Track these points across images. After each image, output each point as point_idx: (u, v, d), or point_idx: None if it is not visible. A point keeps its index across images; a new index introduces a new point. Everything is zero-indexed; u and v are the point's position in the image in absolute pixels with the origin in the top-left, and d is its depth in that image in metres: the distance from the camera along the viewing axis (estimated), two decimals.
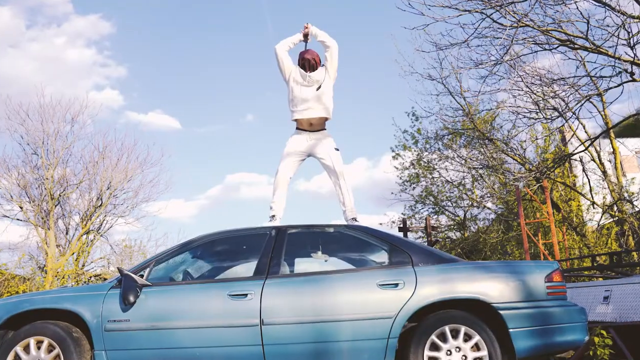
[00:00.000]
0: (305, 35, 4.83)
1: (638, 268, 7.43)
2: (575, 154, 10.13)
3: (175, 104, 35.25)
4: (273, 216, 4.61)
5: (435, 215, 18.36)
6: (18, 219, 14.95)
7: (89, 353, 3.51)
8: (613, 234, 13.77)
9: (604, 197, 13.89)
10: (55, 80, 29.61)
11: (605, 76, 7.39)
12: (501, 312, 3.38)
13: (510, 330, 3.35)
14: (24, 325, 3.58)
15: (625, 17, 6.46)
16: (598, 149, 13.44)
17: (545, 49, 7.51)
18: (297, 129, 4.81)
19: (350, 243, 4.03)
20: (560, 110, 8.44)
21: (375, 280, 3.51)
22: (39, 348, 3.51)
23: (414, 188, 18.25)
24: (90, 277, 14.65)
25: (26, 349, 3.51)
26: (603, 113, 12.31)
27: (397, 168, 18.33)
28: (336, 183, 4.72)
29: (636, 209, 12.84)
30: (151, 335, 3.46)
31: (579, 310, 3.54)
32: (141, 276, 3.67)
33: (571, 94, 8.04)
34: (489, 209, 17.17)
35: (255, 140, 36.88)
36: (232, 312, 3.46)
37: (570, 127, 11.73)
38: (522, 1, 6.84)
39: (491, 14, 6.85)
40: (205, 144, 35.18)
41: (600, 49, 6.98)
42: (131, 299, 3.48)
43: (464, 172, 16.65)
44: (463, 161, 15.59)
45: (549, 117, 8.78)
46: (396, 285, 3.48)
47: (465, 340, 3.38)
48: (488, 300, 3.41)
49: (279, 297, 3.50)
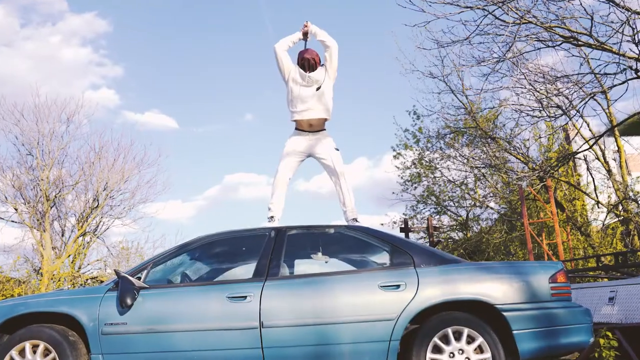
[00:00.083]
0: (305, 34, 4.82)
1: None
2: (579, 152, 10.12)
3: (173, 104, 35.28)
4: (272, 217, 4.61)
5: (437, 216, 18.37)
6: (13, 221, 14.97)
7: (85, 357, 3.51)
8: (618, 234, 13.77)
9: (608, 196, 13.90)
10: (50, 80, 29.59)
11: (609, 73, 7.39)
12: (505, 314, 3.38)
13: (514, 332, 3.35)
14: (19, 329, 3.57)
15: (630, 13, 6.46)
16: (602, 147, 13.44)
17: (548, 46, 7.51)
18: (296, 129, 4.81)
19: (351, 244, 4.03)
20: (564, 108, 8.43)
21: (376, 282, 3.51)
22: (34, 352, 3.51)
23: (416, 188, 18.26)
24: (87, 280, 14.65)
25: (21, 353, 3.51)
26: (607, 111, 12.33)
27: (398, 167, 18.35)
28: (337, 183, 4.72)
29: None
30: (149, 339, 3.46)
31: (583, 311, 3.54)
32: (138, 278, 3.67)
33: (575, 91, 8.04)
34: (491, 208, 17.17)
35: (254, 140, 36.89)
36: (231, 315, 3.46)
37: (574, 126, 11.72)
38: None
39: (493, 11, 6.85)
40: (203, 143, 35.19)
41: (605, 46, 6.98)
42: (128, 301, 3.48)
43: (466, 172, 16.66)
44: (465, 160, 15.59)
45: (553, 115, 8.78)
46: (398, 286, 3.48)
47: (469, 343, 3.38)
48: (491, 301, 3.41)
49: (278, 299, 3.50)
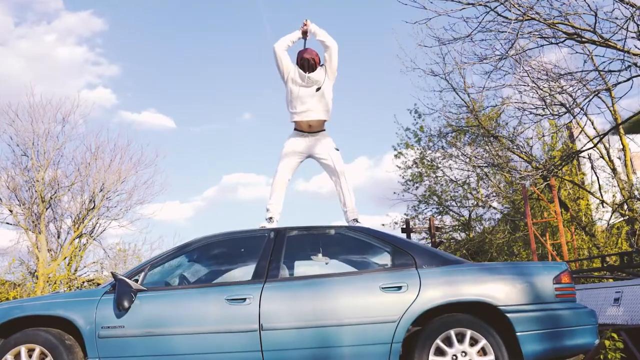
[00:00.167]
0: (304, 33, 4.82)
1: None
2: (583, 151, 10.13)
3: (170, 103, 35.32)
4: (270, 218, 4.61)
5: (439, 216, 18.41)
6: (8, 223, 15.00)
7: None
8: (623, 234, 13.77)
9: (613, 196, 13.90)
10: (45, 79, 29.62)
11: (614, 70, 7.39)
12: (508, 315, 3.38)
13: (518, 333, 3.34)
14: (14, 332, 3.57)
15: (634, 9, 6.46)
16: (607, 145, 13.45)
17: (551, 43, 7.51)
18: (295, 130, 4.81)
19: (351, 245, 4.03)
20: (567, 106, 8.43)
21: (377, 283, 3.51)
22: (30, 356, 3.51)
23: (417, 188, 18.29)
24: (83, 283, 14.66)
25: (17, 357, 3.51)
26: (612, 108, 12.32)
27: (400, 167, 18.38)
28: (337, 183, 4.72)
29: None
30: (146, 342, 3.45)
31: (588, 312, 3.54)
32: (136, 281, 3.67)
33: (579, 89, 8.05)
34: (494, 208, 17.18)
35: (252, 140, 36.94)
36: (230, 317, 3.46)
37: (578, 124, 11.71)
38: None
39: (495, 7, 6.85)
40: (201, 143, 35.23)
41: (609, 42, 6.98)
42: (125, 304, 3.48)
43: (468, 171, 16.68)
44: (467, 159, 15.61)
45: (556, 113, 8.78)
46: (399, 288, 3.48)
47: (472, 345, 3.38)
48: (494, 302, 3.41)
49: (278, 302, 3.50)
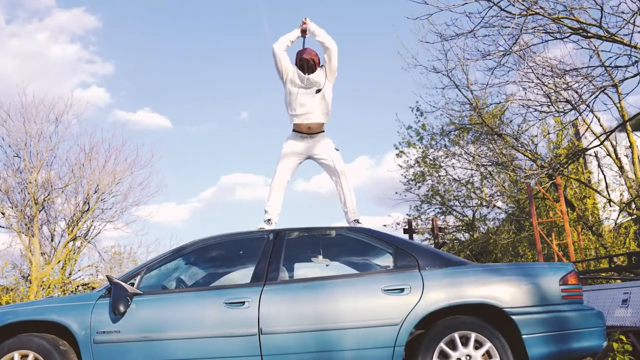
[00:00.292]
0: (303, 31, 4.84)
1: None
2: (589, 148, 10.14)
3: (166, 102, 35.27)
4: (269, 220, 4.62)
5: (443, 216, 18.40)
6: (0, 226, 14.97)
7: None
8: (631, 233, 13.78)
9: (621, 194, 13.91)
10: (37, 78, 29.56)
11: (620, 66, 7.39)
12: (513, 318, 3.38)
13: (524, 336, 3.35)
14: (7, 338, 3.57)
15: None
16: (614, 143, 13.44)
17: (556, 38, 7.51)
18: (294, 131, 4.83)
19: (352, 246, 4.04)
20: (573, 102, 8.44)
21: (379, 286, 3.51)
22: None
23: (420, 187, 18.28)
24: (78, 287, 14.66)
25: None
26: (619, 105, 12.31)
27: (401, 166, 18.37)
28: (337, 182, 4.73)
29: None
30: (143, 347, 3.46)
31: (596, 314, 3.54)
32: (132, 284, 3.68)
33: (585, 85, 8.04)
34: (499, 208, 17.18)
35: (251, 139, 36.89)
36: (229, 321, 3.46)
37: (584, 121, 11.74)
38: None
39: (498, 2, 6.85)
40: (198, 143, 35.18)
41: (615, 37, 6.98)
42: (121, 308, 3.49)
43: (472, 170, 16.68)
44: (471, 158, 15.60)
45: (562, 110, 8.78)
46: (402, 290, 3.48)
47: (476, 348, 3.38)
48: (499, 305, 3.41)
49: (278, 305, 3.50)
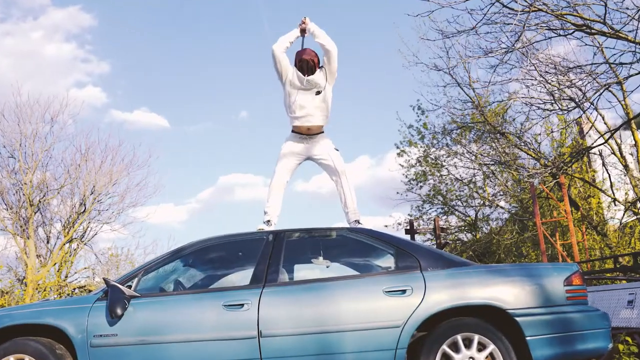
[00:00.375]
0: (303, 31, 4.84)
1: None
2: (594, 147, 10.15)
3: (163, 102, 35.24)
4: (268, 221, 4.62)
5: (445, 216, 18.40)
6: None
7: None
8: (637, 233, 13.77)
9: (626, 193, 13.90)
10: (32, 77, 29.52)
11: (625, 63, 7.40)
12: (517, 319, 3.38)
13: (528, 338, 3.35)
14: (3, 342, 3.57)
15: None
16: (619, 141, 13.44)
17: (559, 35, 7.52)
18: (294, 132, 4.83)
19: (353, 247, 4.04)
20: (577, 100, 8.45)
21: (381, 287, 3.51)
22: None
23: (421, 187, 18.28)
24: (74, 289, 14.67)
25: None
26: (623, 102, 12.31)
27: (403, 166, 18.37)
28: (338, 182, 4.74)
29: None
30: (141, 351, 3.46)
31: (601, 315, 3.54)
32: (129, 287, 3.67)
33: (589, 82, 8.05)
34: (502, 208, 17.18)
35: (250, 139, 36.85)
36: (228, 324, 3.46)
37: (588, 119, 11.71)
38: None
39: None
40: (196, 143, 35.14)
41: (619, 34, 6.99)
42: (118, 311, 3.48)
43: (474, 169, 16.68)
44: (473, 157, 15.62)
45: (565, 108, 8.80)
46: (404, 291, 3.49)
47: (479, 350, 3.38)
48: (503, 306, 3.41)
49: (277, 307, 3.50)
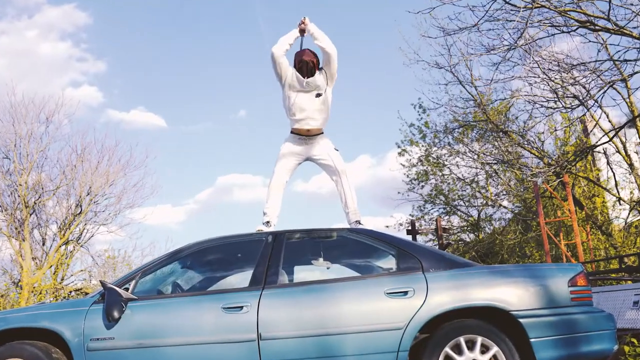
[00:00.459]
0: (302, 31, 4.84)
1: None
2: (598, 145, 10.13)
3: (160, 101, 35.19)
4: (267, 222, 4.62)
5: (447, 216, 18.41)
6: None
7: None
8: None
9: (631, 192, 13.90)
10: (27, 77, 29.48)
11: (629, 60, 7.40)
12: (521, 321, 3.38)
13: (532, 340, 3.35)
14: None
15: None
16: (623, 139, 13.44)
17: (563, 32, 7.52)
18: (293, 133, 4.83)
19: (354, 248, 4.04)
20: (580, 98, 8.44)
21: (382, 288, 3.51)
22: None
23: (423, 187, 18.29)
24: (70, 292, 14.66)
25: None
26: (628, 100, 12.31)
27: (404, 165, 18.37)
28: (338, 182, 4.74)
29: None
30: (138, 354, 3.45)
31: (606, 316, 3.55)
32: (126, 289, 3.67)
33: (593, 80, 8.05)
34: (505, 207, 17.19)
35: (248, 138, 36.80)
36: (227, 327, 3.46)
37: (592, 117, 11.73)
38: None
39: None
40: (194, 143, 35.09)
41: (624, 30, 6.98)
42: (116, 314, 3.48)
43: (476, 168, 16.69)
44: (476, 156, 15.62)
45: (569, 106, 8.80)
46: (405, 293, 3.49)
47: (483, 352, 3.38)
48: (506, 307, 3.41)
49: (277, 309, 3.50)
